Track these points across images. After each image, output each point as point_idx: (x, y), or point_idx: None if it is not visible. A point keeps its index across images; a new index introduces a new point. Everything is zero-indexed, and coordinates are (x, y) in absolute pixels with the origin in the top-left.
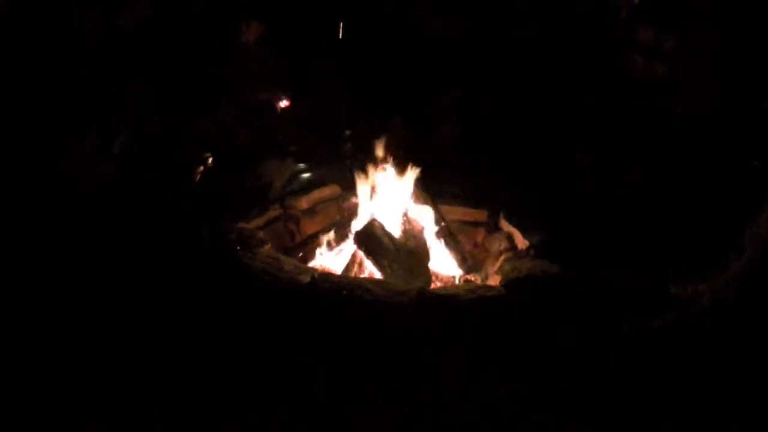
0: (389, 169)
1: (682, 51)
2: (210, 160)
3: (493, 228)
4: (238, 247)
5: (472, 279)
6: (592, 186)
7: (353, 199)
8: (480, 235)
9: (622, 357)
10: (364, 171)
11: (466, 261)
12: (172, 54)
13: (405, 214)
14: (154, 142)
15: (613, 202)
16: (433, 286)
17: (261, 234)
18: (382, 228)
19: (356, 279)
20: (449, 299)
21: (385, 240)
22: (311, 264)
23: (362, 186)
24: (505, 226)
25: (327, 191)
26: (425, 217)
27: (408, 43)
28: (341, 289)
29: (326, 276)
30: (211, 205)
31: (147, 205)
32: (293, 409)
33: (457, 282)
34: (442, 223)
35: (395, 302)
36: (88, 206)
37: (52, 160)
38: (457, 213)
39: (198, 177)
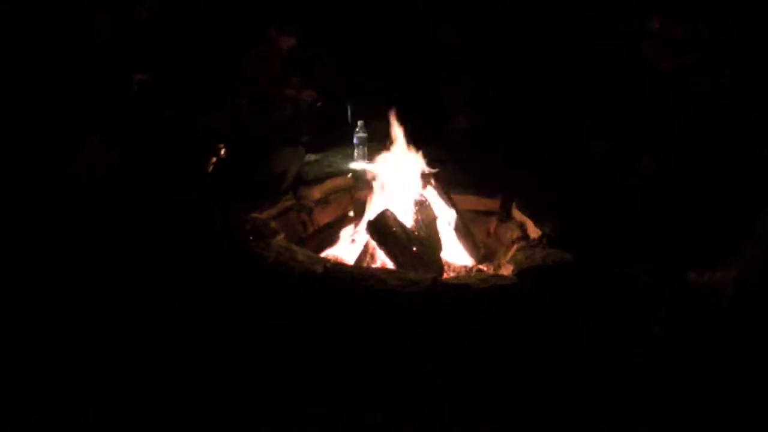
0: (401, 158)
1: (696, 40)
2: (223, 150)
3: (506, 217)
4: (251, 238)
5: (485, 269)
6: (606, 175)
7: (366, 189)
8: (492, 224)
9: (651, 355)
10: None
11: (479, 250)
12: (187, 45)
13: (417, 204)
14: (168, 132)
15: (626, 190)
16: (445, 275)
17: (274, 224)
18: (395, 218)
19: (369, 269)
20: (463, 289)
21: (398, 230)
22: (324, 254)
23: (374, 175)
24: (518, 215)
25: (340, 181)
26: (438, 207)
27: (420, 34)
28: (354, 279)
29: (339, 266)
30: (224, 196)
31: (161, 196)
32: (308, 400)
33: (469, 272)
34: (455, 213)
35: (409, 292)
36: (102, 197)
37: (64, 152)
38: (470, 202)
39: (211, 167)
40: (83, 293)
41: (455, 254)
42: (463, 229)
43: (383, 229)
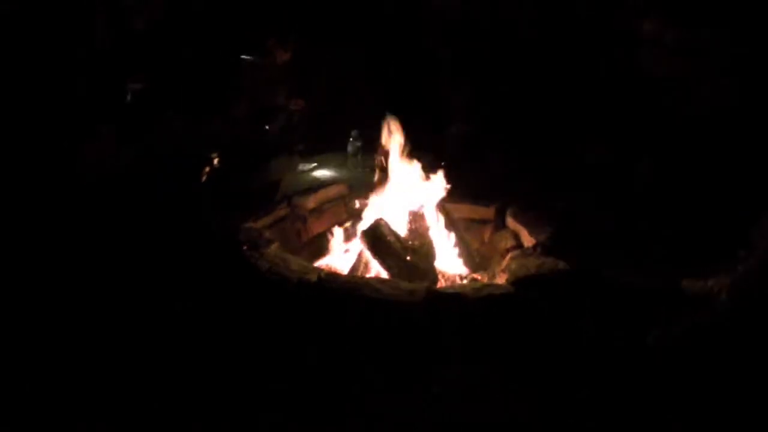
0: (396, 167)
1: (692, 45)
2: (216, 159)
3: (500, 225)
4: (245, 247)
5: (479, 277)
6: (601, 182)
7: (360, 198)
8: (487, 232)
9: (646, 363)
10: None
11: (473, 259)
12: (184, 54)
13: (411, 213)
14: (165, 140)
15: (623, 197)
16: (439, 285)
17: (268, 233)
18: (389, 227)
19: (363, 278)
20: (457, 298)
21: (392, 239)
22: (318, 263)
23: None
24: (512, 223)
25: (334, 190)
26: (431, 216)
27: (419, 42)
28: (348, 288)
29: (333, 276)
30: (219, 205)
31: (155, 204)
32: (299, 410)
33: (464, 281)
34: (449, 222)
35: (403, 302)
36: (98, 203)
37: (68, 155)
38: (464, 210)
39: (205, 176)
40: (75, 297)
41: (449, 263)
42: (457, 238)
43: (377, 238)
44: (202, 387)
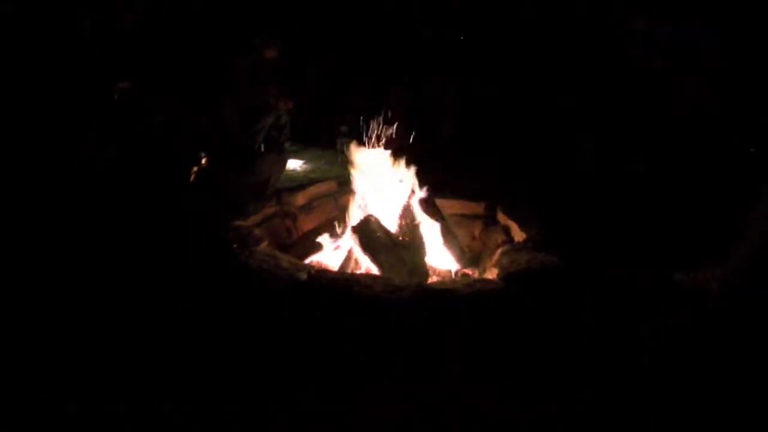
0: (386, 163)
1: (685, 42)
2: (204, 159)
3: (491, 221)
4: (235, 245)
5: (470, 273)
6: (592, 177)
7: (349, 195)
8: (477, 228)
9: (639, 357)
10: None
11: (464, 254)
12: (175, 52)
13: (401, 209)
14: (154, 138)
15: (612, 192)
16: (430, 280)
17: (258, 231)
18: (378, 223)
19: (353, 275)
20: (448, 294)
21: (382, 235)
22: (308, 260)
23: (358, 181)
24: (503, 218)
25: (323, 187)
26: (422, 211)
27: (409, 42)
28: (339, 285)
29: (323, 272)
30: (209, 203)
31: (145, 203)
32: (292, 408)
33: (454, 276)
34: (439, 217)
35: (394, 298)
36: (89, 201)
37: (60, 149)
38: (455, 206)
39: (194, 175)
40: (67, 296)
41: (440, 258)
42: (448, 234)
43: (367, 234)
44: (199, 386)
